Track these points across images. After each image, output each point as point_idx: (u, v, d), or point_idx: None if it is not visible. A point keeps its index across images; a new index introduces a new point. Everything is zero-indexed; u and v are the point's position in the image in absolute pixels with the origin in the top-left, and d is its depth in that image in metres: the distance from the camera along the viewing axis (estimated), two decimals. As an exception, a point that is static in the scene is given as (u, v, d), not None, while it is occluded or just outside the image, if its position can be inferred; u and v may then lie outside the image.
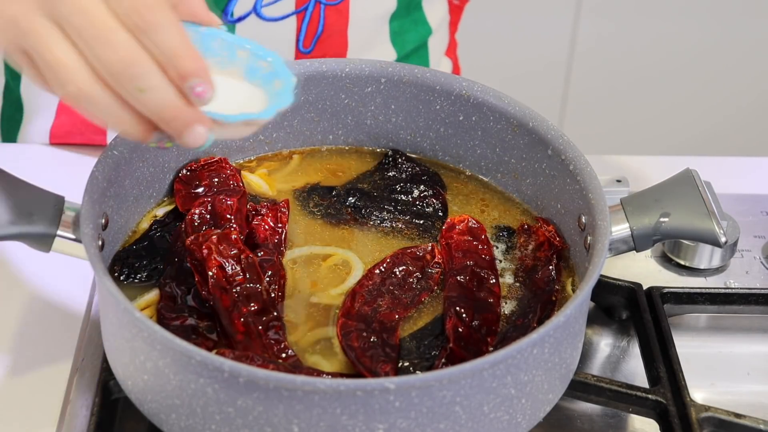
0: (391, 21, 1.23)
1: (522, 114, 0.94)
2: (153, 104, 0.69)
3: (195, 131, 0.71)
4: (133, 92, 0.69)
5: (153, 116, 0.70)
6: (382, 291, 0.87)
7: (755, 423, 0.85)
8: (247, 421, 0.73)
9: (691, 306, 0.99)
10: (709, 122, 2.41)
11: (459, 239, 0.91)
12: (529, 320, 0.85)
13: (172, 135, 0.71)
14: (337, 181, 0.99)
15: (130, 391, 0.81)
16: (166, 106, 0.70)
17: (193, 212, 0.89)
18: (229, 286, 0.82)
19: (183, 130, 0.71)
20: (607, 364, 0.96)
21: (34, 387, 0.90)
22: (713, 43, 2.32)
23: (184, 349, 0.72)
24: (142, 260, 0.88)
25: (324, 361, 0.82)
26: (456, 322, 0.84)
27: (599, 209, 0.84)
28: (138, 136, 0.72)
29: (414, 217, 0.95)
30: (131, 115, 0.71)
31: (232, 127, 0.73)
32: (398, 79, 0.98)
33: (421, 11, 1.25)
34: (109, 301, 0.79)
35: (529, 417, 0.79)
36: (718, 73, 2.36)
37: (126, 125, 0.71)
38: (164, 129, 0.71)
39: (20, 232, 0.81)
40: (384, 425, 0.72)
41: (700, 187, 0.89)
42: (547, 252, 0.90)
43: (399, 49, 1.25)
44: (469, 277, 0.88)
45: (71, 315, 0.96)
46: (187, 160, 0.96)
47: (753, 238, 1.06)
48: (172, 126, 0.70)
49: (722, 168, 1.18)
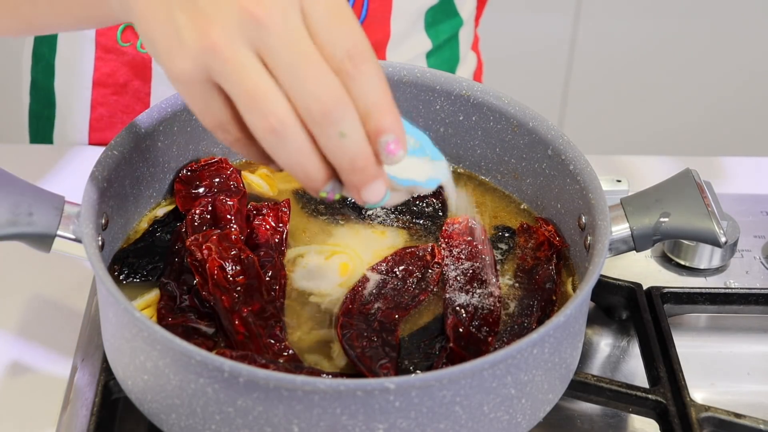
0: (428, 12, 1.23)
1: (522, 114, 0.94)
2: (350, 151, 0.67)
3: (377, 187, 0.69)
4: (333, 136, 0.67)
5: (344, 163, 0.68)
6: (383, 291, 0.87)
7: (755, 423, 0.85)
8: (247, 421, 0.73)
9: (691, 306, 0.99)
10: (709, 122, 2.42)
11: (459, 239, 0.92)
12: (529, 320, 0.85)
13: (354, 186, 0.69)
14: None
15: (130, 391, 0.81)
16: (359, 156, 0.67)
17: (193, 212, 0.89)
18: (229, 286, 0.82)
19: (366, 183, 0.69)
20: (607, 364, 0.96)
21: (34, 387, 0.90)
22: (713, 43, 2.32)
23: (184, 349, 0.72)
24: (142, 260, 0.88)
25: (324, 361, 0.82)
26: (456, 321, 0.84)
27: (599, 209, 0.84)
28: (317, 182, 0.69)
29: (414, 217, 0.95)
30: (318, 158, 0.68)
31: (399, 191, 0.72)
32: (398, 79, 0.98)
33: (452, 2, 1.25)
34: (109, 301, 0.79)
35: (529, 417, 0.79)
36: (718, 73, 2.36)
37: (311, 168, 0.69)
38: (348, 179, 0.69)
39: (20, 232, 0.81)
40: (384, 425, 0.72)
41: (700, 187, 0.89)
42: (547, 252, 0.90)
43: (434, 39, 1.25)
44: (469, 277, 0.88)
45: (71, 315, 0.96)
46: (187, 160, 0.96)
47: (753, 238, 1.06)
48: (359, 177, 0.68)
49: (722, 168, 1.18)
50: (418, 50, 1.25)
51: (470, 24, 1.32)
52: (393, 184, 0.71)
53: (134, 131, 0.89)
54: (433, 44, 1.25)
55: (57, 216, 0.82)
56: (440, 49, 1.27)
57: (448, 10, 1.26)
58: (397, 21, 1.20)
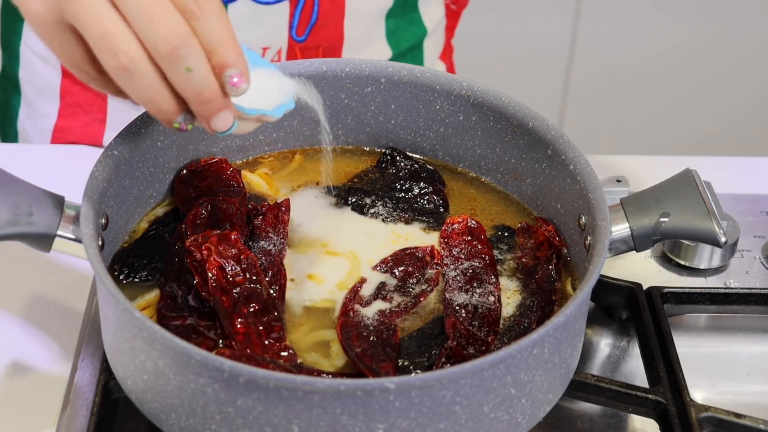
0: (387, 18, 1.23)
1: (522, 114, 0.94)
2: (196, 85, 0.72)
3: (224, 116, 0.75)
4: (180, 71, 0.72)
5: (192, 96, 0.73)
6: (382, 291, 0.87)
7: (755, 423, 0.85)
8: (247, 421, 0.73)
9: (691, 306, 0.99)
10: (709, 122, 2.42)
11: (458, 239, 0.92)
12: (529, 320, 0.85)
13: (203, 116, 0.74)
14: (338, 180, 0.99)
15: (130, 391, 0.81)
16: (206, 89, 0.73)
17: (193, 212, 0.89)
18: (229, 286, 0.82)
19: (214, 113, 0.74)
20: (607, 364, 0.96)
21: (34, 387, 0.90)
22: (713, 43, 2.32)
23: (184, 349, 0.72)
24: (142, 260, 0.88)
25: (324, 360, 0.82)
26: (456, 321, 0.84)
27: (599, 209, 0.84)
28: (169, 114, 0.74)
29: (417, 214, 0.95)
30: (169, 92, 0.73)
31: (248, 120, 0.77)
32: (398, 79, 0.98)
33: (417, 12, 1.25)
34: (109, 301, 0.79)
35: (529, 417, 0.79)
36: (719, 73, 2.36)
37: (162, 102, 0.74)
38: (197, 110, 0.74)
39: (20, 232, 0.81)
40: (384, 425, 0.72)
41: (700, 187, 0.88)
42: (546, 252, 0.90)
43: (394, 48, 1.25)
44: (469, 277, 0.88)
45: (71, 315, 0.96)
46: (187, 161, 0.96)
47: (753, 238, 1.06)
48: (206, 108, 0.74)
49: (722, 168, 1.18)
50: (377, 57, 1.25)
51: (438, 34, 1.32)
52: (241, 114, 0.77)
53: (134, 131, 0.89)
54: (394, 52, 1.25)
55: (57, 216, 0.82)
56: (402, 57, 1.27)
57: (411, 19, 1.26)
58: (352, 25, 1.20)
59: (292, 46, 1.18)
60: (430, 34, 1.29)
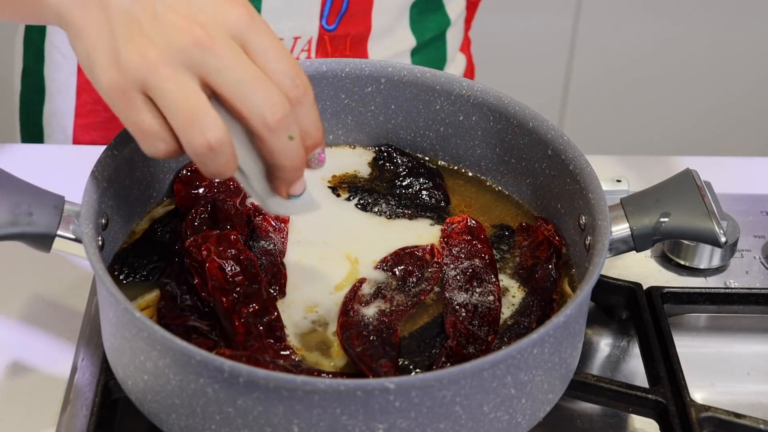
0: (412, 7, 1.23)
1: (522, 114, 0.94)
2: (297, 152, 0.76)
3: (302, 182, 0.80)
4: (284, 139, 0.75)
5: (287, 163, 0.77)
6: (382, 290, 0.87)
7: (755, 423, 0.85)
8: (247, 421, 0.73)
9: (691, 306, 0.99)
10: (709, 122, 2.42)
11: (458, 238, 0.92)
12: (529, 320, 0.85)
13: (289, 180, 0.79)
14: (338, 180, 0.99)
15: (130, 391, 0.81)
16: (300, 157, 0.77)
17: (193, 212, 0.89)
18: (228, 287, 0.82)
19: (298, 178, 0.79)
20: (607, 364, 0.96)
21: (34, 387, 0.90)
22: (713, 43, 2.32)
23: (184, 349, 0.72)
24: (142, 260, 0.89)
25: (324, 360, 0.82)
26: (456, 321, 0.84)
27: (599, 209, 0.84)
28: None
29: (419, 210, 0.95)
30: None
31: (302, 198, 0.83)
32: (398, 79, 0.98)
33: (441, 1, 1.25)
34: (109, 301, 0.79)
35: (529, 417, 0.79)
36: (719, 73, 2.36)
37: (229, 173, 0.76)
38: (285, 176, 0.78)
39: (20, 232, 0.81)
40: (384, 425, 0.73)
41: (700, 187, 0.88)
42: (546, 251, 0.90)
43: (418, 37, 1.25)
44: (469, 277, 0.88)
45: (71, 315, 0.96)
46: (187, 161, 0.96)
47: (753, 238, 1.06)
48: (294, 174, 0.78)
49: (722, 168, 1.18)
50: (401, 47, 1.25)
51: (459, 25, 1.32)
52: None
53: (134, 131, 0.89)
54: (418, 42, 1.25)
55: (57, 216, 0.82)
56: (426, 47, 1.27)
57: (434, 8, 1.26)
58: (379, 14, 1.20)
59: (322, 36, 1.18)
60: (453, 23, 1.29)
